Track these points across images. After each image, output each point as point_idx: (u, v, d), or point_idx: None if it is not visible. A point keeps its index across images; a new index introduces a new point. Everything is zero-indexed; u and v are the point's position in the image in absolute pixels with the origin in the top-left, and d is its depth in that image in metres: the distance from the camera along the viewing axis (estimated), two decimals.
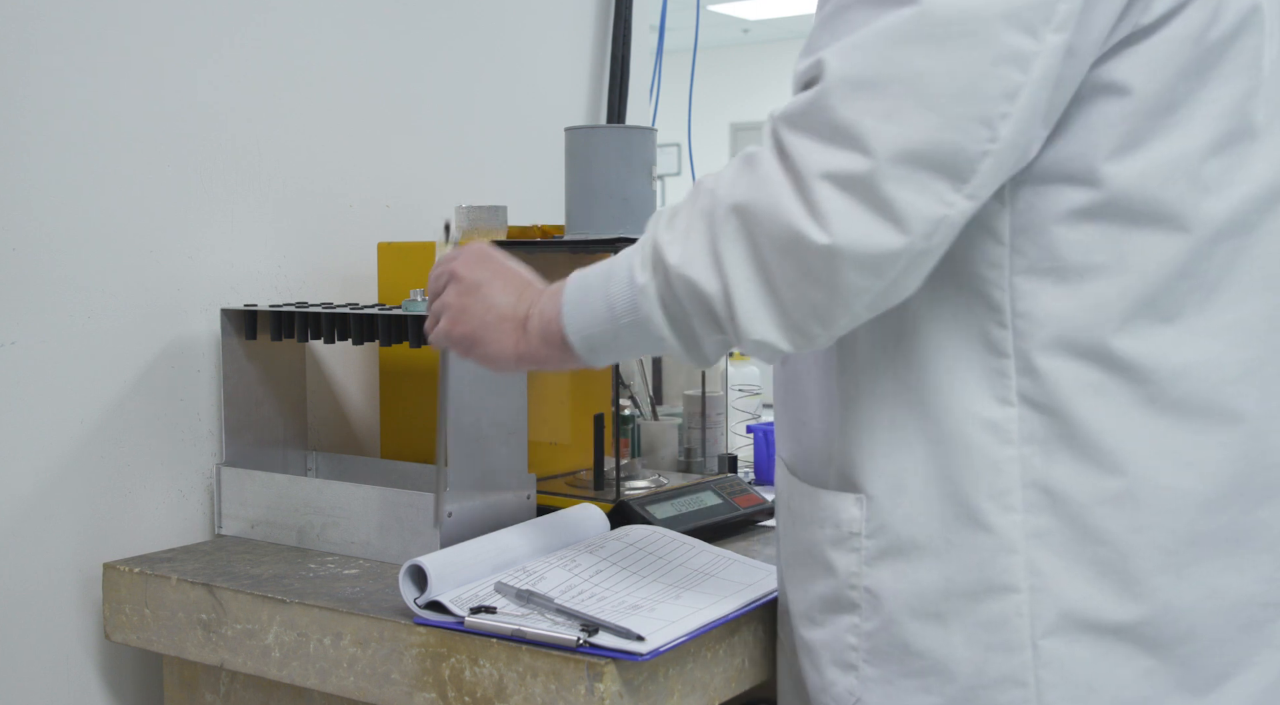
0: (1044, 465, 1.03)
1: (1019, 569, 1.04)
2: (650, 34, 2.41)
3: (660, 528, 1.42)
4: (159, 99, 1.57)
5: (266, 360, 1.63)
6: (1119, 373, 1.02)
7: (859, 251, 0.95)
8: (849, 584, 1.11)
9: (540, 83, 2.19)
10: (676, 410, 1.91)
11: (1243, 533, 1.04)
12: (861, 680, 1.10)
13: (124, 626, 1.43)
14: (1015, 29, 0.93)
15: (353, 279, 1.81)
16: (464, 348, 1.19)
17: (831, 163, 0.95)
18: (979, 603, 1.05)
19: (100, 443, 1.52)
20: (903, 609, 1.07)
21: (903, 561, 1.08)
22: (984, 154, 0.94)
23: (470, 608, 1.18)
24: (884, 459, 1.09)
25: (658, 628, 1.14)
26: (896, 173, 0.93)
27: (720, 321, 1.01)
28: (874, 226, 0.94)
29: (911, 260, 0.96)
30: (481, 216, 1.68)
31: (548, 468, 1.67)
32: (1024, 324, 1.03)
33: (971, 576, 1.05)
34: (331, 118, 1.79)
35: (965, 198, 0.95)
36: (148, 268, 1.56)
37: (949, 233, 0.96)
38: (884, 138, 0.93)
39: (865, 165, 0.94)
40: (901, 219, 0.94)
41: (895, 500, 1.08)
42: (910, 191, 0.94)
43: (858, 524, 1.10)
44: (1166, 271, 1.01)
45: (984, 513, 1.04)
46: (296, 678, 1.29)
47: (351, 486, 1.47)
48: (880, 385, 1.09)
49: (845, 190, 0.95)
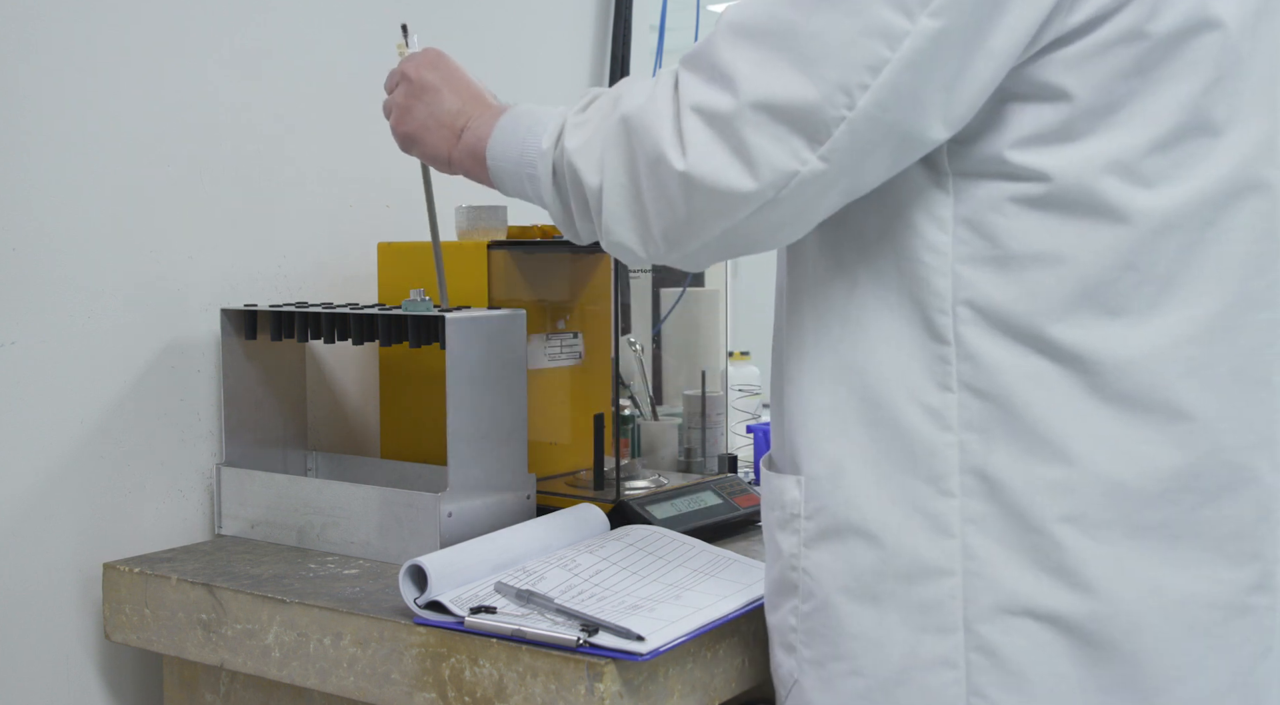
0: (983, 452, 1.03)
1: (954, 553, 1.04)
2: (650, 34, 2.41)
3: (660, 528, 1.42)
4: (159, 99, 1.57)
5: (266, 360, 1.63)
6: (1060, 361, 1.02)
7: (709, 184, 1.00)
8: (790, 566, 1.12)
9: (540, 83, 2.19)
10: (676, 410, 1.91)
11: (1185, 530, 1.03)
12: (799, 662, 1.12)
13: (124, 626, 1.43)
14: (890, 5, 0.95)
15: (353, 279, 1.81)
16: (405, 145, 1.32)
17: (704, 98, 1.01)
18: (914, 585, 1.05)
19: (100, 443, 1.52)
20: (838, 590, 1.08)
21: (839, 543, 1.08)
22: (839, 119, 0.97)
23: (470, 608, 1.18)
24: (825, 441, 1.10)
25: (658, 628, 1.14)
26: (756, 119, 0.98)
27: (591, 212, 1.11)
28: (726, 165, 1.00)
29: (759, 208, 1.00)
30: (481, 216, 1.68)
31: (548, 468, 1.67)
32: (965, 311, 1.04)
33: (907, 559, 1.05)
34: (331, 118, 1.79)
35: (819, 159, 0.98)
36: (148, 268, 1.56)
37: (801, 190, 0.99)
38: (751, 84, 0.99)
39: (730, 105, 0.99)
40: (753, 163, 0.99)
41: (834, 482, 1.09)
42: (765, 139, 0.98)
43: (798, 505, 1.12)
44: (1106, 263, 1.01)
45: (921, 496, 1.05)
46: (296, 678, 1.29)
47: (351, 486, 1.47)
48: (823, 368, 1.11)
49: (709, 125, 1.00)
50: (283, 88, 1.72)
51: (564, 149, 1.12)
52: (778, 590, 1.15)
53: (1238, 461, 1.04)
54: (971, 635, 1.04)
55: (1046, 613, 1.02)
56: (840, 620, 1.08)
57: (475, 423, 1.43)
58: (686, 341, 1.99)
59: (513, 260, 1.63)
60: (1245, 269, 1.04)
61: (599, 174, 1.08)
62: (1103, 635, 1.02)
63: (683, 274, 2.00)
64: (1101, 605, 1.02)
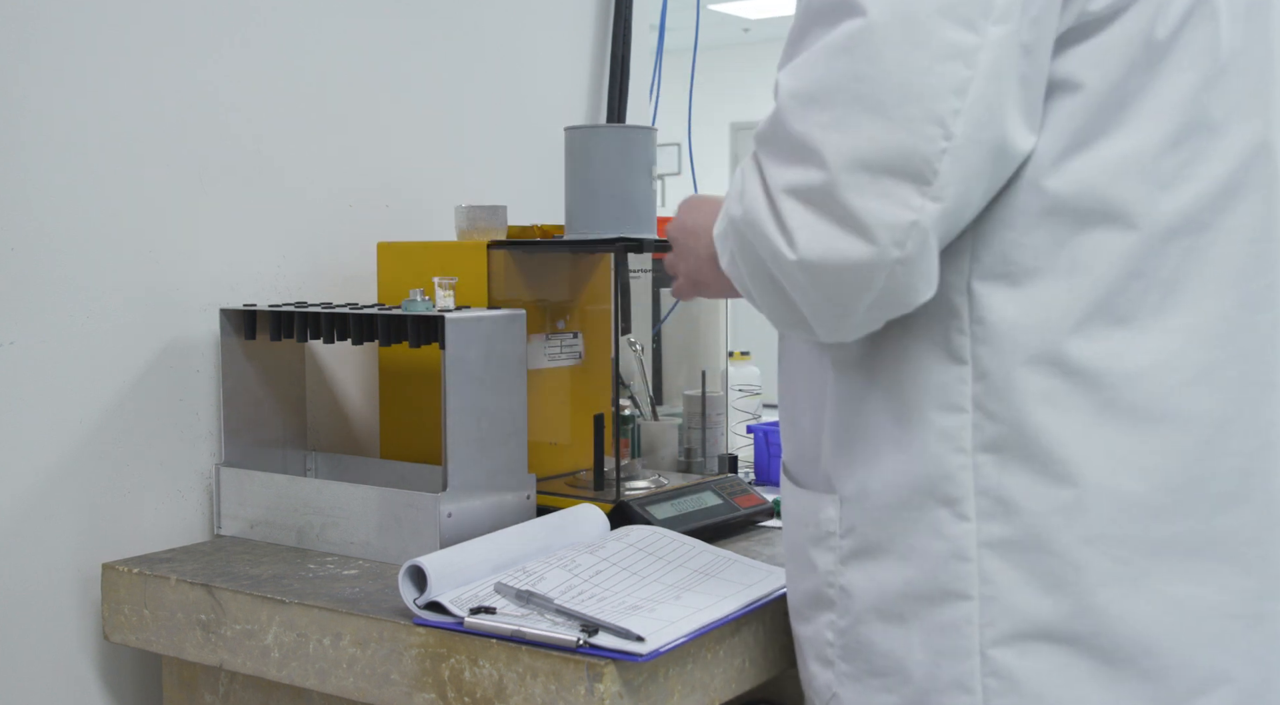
0: (997, 474, 1.03)
1: (971, 577, 1.04)
2: (650, 34, 2.41)
3: (660, 528, 1.41)
4: (158, 99, 1.57)
5: (266, 360, 1.63)
6: (1073, 380, 1.01)
7: (828, 265, 0.96)
8: (826, 582, 1.13)
9: (540, 83, 2.19)
10: (676, 410, 1.90)
11: (1202, 541, 1.02)
12: (837, 676, 1.13)
13: (123, 627, 1.43)
14: (953, 24, 0.93)
15: (352, 279, 1.81)
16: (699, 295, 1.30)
17: (792, 178, 0.96)
18: (934, 607, 1.05)
19: (100, 443, 1.52)
20: (870, 609, 1.09)
21: (871, 562, 1.09)
22: (941, 152, 0.93)
23: (470, 608, 1.18)
24: (856, 463, 1.10)
25: (658, 628, 1.13)
26: (854, 181, 0.94)
27: None
28: (838, 238, 0.95)
29: (889, 269, 0.95)
30: (481, 216, 1.67)
31: (548, 468, 1.67)
32: (980, 330, 1.03)
33: (928, 582, 1.05)
34: (331, 117, 1.79)
35: (931, 200, 0.94)
36: (148, 268, 1.56)
37: (923, 238, 0.95)
38: (834, 147, 0.94)
39: (821, 177, 0.94)
40: (865, 228, 0.94)
41: (862, 503, 1.09)
42: (870, 199, 0.94)
43: (834, 524, 1.12)
44: (1117, 272, 1.00)
45: (939, 520, 1.05)
46: (296, 678, 1.29)
47: (351, 487, 1.47)
48: (857, 389, 1.10)
49: (808, 204, 0.96)
50: (283, 87, 1.72)
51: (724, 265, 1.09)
52: (811, 603, 1.15)
53: (1248, 467, 1.03)
54: (987, 660, 1.03)
55: (1065, 635, 1.02)
56: (873, 639, 1.09)
57: (475, 423, 1.43)
58: (686, 341, 1.99)
59: (513, 260, 1.62)
60: (1244, 271, 1.03)
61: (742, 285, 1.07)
62: (1122, 654, 1.01)
63: None
64: (1121, 625, 1.01)
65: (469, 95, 2.04)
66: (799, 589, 1.18)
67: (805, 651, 1.17)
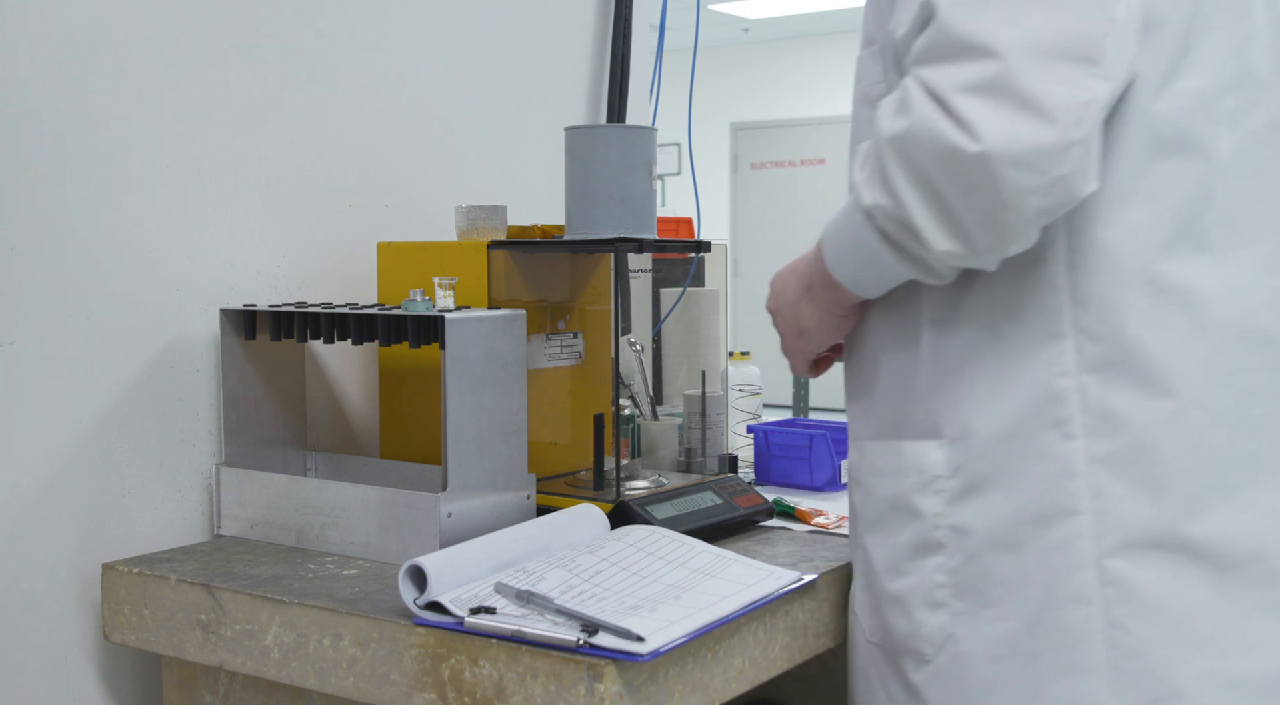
0: (1101, 391, 1.09)
1: (1081, 492, 1.10)
2: (650, 33, 2.41)
3: (660, 528, 1.41)
4: (158, 98, 1.57)
5: (266, 360, 1.63)
6: (1166, 296, 1.08)
7: (1012, 151, 0.99)
8: (934, 525, 1.17)
9: (540, 82, 2.19)
10: (676, 410, 1.90)
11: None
12: (952, 616, 1.16)
13: (123, 627, 1.43)
14: None
15: (352, 279, 1.81)
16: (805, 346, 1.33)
17: (965, 75, 1.01)
18: (1047, 527, 1.11)
19: (100, 443, 1.52)
20: (983, 542, 1.14)
21: (980, 497, 1.14)
22: (1105, 34, 0.99)
23: (470, 608, 1.18)
24: (960, 404, 1.15)
25: (658, 628, 1.13)
26: (1029, 67, 0.99)
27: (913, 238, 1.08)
28: (1020, 122, 0.99)
29: (1066, 151, 1.00)
30: (481, 216, 1.67)
31: (548, 468, 1.67)
32: (1078, 257, 1.09)
33: (1039, 504, 1.11)
34: (331, 117, 1.79)
35: (1103, 79, 1.00)
36: (147, 268, 1.56)
37: (1097, 117, 1.00)
38: (1008, 38, 0.99)
39: (997, 67, 0.99)
40: (1046, 109, 0.99)
41: (968, 441, 1.15)
42: (1047, 82, 0.98)
43: (940, 467, 1.17)
44: (1193, 200, 1.08)
45: (1046, 443, 1.11)
46: (296, 678, 1.29)
47: (351, 487, 1.47)
48: (955, 336, 1.16)
49: (984, 96, 1.00)
50: (282, 87, 1.72)
51: (867, 208, 1.10)
52: (913, 553, 1.19)
53: None
54: (1103, 571, 1.09)
55: (1175, 543, 1.08)
56: (989, 570, 1.14)
57: (475, 423, 1.43)
58: (686, 341, 1.99)
59: (512, 260, 1.62)
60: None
61: (897, 204, 1.07)
62: (1229, 557, 1.08)
63: (683, 274, 2.00)
64: (1228, 531, 1.08)
65: (469, 95, 2.04)
66: (893, 543, 1.21)
67: (909, 603, 1.20)
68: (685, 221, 2.41)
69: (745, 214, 10.31)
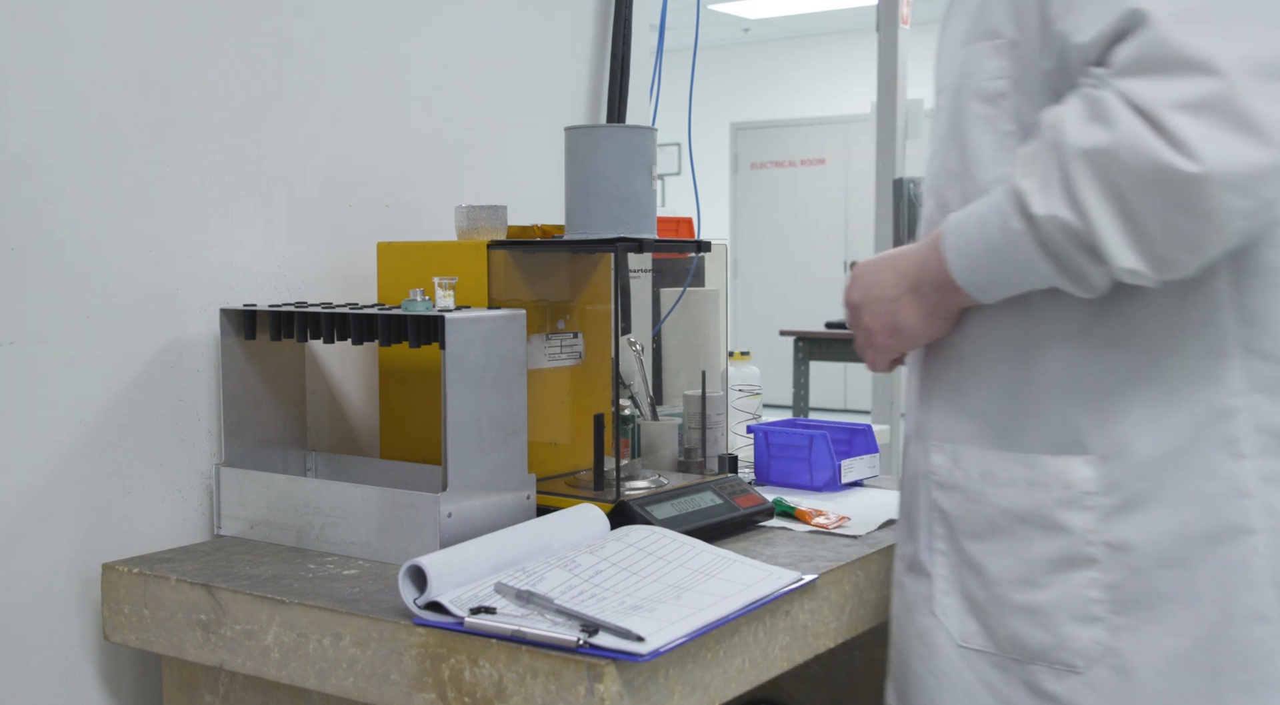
0: (1272, 411, 1.10)
1: (1255, 512, 1.10)
2: (650, 33, 2.41)
3: (660, 528, 1.41)
4: (158, 99, 1.57)
5: (266, 360, 1.63)
6: None
7: (1229, 172, 0.98)
8: (1086, 541, 1.16)
9: (540, 82, 2.18)
10: (676, 410, 1.90)
11: None
12: (1110, 630, 1.15)
13: (123, 627, 1.43)
14: None
15: (352, 279, 1.81)
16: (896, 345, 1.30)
17: (1180, 92, 0.99)
18: (1218, 545, 1.11)
19: (100, 443, 1.52)
20: (1146, 559, 1.13)
21: (1140, 514, 1.13)
22: None
23: (470, 608, 1.18)
24: (1111, 421, 1.14)
25: (658, 628, 1.13)
26: (1250, 86, 0.97)
27: (1098, 255, 1.06)
28: (1238, 143, 0.98)
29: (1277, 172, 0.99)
30: (481, 216, 1.67)
31: (548, 468, 1.67)
32: (1244, 278, 1.10)
33: (1207, 522, 1.11)
34: (331, 117, 1.79)
35: None
36: (148, 268, 1.56)
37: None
38: (1229, 55, 0.97)
39: (1216, 85, 0.97)
40: (1265, 131, 0.97)
41: (1124, 458, 1.14)
42: (1266, 102, 0.97)
43: (1089, 484, 1.16)
44: None
45: (1214, 462, 1.11)
46: (296, 678, 1.29)
47: (351, 487, 1.47)
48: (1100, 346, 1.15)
49: (1201, 116, 0.98)
50: (282, 87, 1.72)
51: (1038, 217, 1.08)
52: (1058, 567, 1.18)
53: None
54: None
55: None
56: (1154, 586, 1.13)
57: (475, 423, 1.43)
58: (686, 341, 1.99)
59: (512, 260, 1.62)
60: None
61: (1081, 218, 1.05)
62: None
63: (683, 273, 2.00)
64: None
65: (469, 95, 2.04)
66: (1023, 555, 1.20)
67: (1051, 616, 1.18)
68: (685, 221, 2.41)
69: (745, 214, 10.31)
